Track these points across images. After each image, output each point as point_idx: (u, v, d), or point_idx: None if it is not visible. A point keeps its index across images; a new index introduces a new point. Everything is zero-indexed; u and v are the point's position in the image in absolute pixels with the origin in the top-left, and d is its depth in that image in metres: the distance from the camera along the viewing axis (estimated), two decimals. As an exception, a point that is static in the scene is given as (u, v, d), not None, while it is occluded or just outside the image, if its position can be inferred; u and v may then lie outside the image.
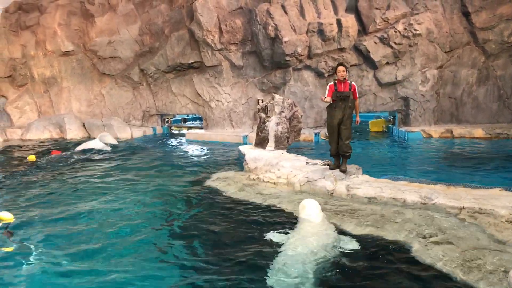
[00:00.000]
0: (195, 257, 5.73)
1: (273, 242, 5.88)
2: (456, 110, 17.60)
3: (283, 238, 5.92)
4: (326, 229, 6.08)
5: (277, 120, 11.50)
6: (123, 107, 22.72)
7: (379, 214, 6.71)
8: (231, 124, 20.04)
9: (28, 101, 23.39)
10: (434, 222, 6.11)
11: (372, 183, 8.13)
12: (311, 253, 5.30)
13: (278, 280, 4.78)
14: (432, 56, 17.18)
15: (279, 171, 9.50)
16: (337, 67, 8.33)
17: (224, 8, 19.26)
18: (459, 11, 17.02)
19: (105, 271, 5.30)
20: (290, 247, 5.55)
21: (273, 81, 18.82)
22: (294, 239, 5.78)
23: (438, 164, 11.92)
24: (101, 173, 11.76)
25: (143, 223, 7.21)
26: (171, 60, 20.63)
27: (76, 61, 22.79)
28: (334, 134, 8.50)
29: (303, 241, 5.70)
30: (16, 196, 9.41)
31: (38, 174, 11.87)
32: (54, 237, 6.55)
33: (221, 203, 8.20)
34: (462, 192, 7.13)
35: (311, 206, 6.48)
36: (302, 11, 17.62)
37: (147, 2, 22.02)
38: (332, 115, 8.37)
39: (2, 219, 7.32)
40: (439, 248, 5.34)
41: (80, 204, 8.49)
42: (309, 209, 6.44)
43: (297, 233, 6.02)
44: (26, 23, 22.71)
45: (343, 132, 8.38)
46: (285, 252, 5.42)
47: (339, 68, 8.24)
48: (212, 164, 12.80)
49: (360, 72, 18.01)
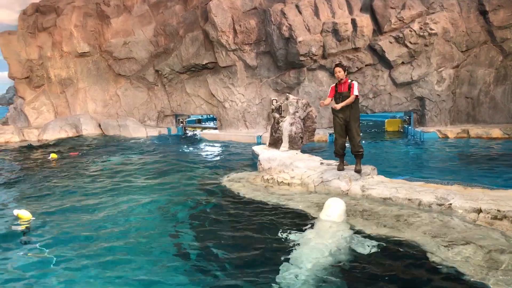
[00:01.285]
0: (208, 257, 5.72)
1: (288, 242, 5.85)
2: (473, 110, 17.37)
3: (297, 237, 5.89)
4: (344, 230, 6.02)
5: (291, 121, 11.47)
6: (138, 107, 22.91)
7: (394, 215, 6.64)
8: (245, 124, 20.05)
9: (45, 102, 23.72)
10: (450, 224, 6.03)
11: (387, 183, 8.06)
12: (324, 254, 5.26)
13: (290, 281, 4.76)
14: (448, 56, 16.98)
15: (293, 171, 9.47)
16: (334, 68, 8.38)
17: (238, 8, 19.28)
18: (476, 9, 16.79)
19: (117, 271, 5.34)
20: (304, 247, 5.52)
21: (287, 81, 18.78)
22: (309, 239, 5.75)
23: (454, 164, 11.77)
24: (116, 172, 11.86)
25: (156, 223, 7.24)
26: (185, 60, 20.72)
27: (92, 62, 23.05)
28: (339, 134, 8.54)
29: (317, 241, 5.66)
30: (35, 195, 9.56)
31: (58, 173, 12.04)
32: (70, 235, 6.62)
33: (234, 204, 8.19)
34: (480, 193, 7.02)
35: (335, 206, 6.40)
36: (317, 11, 17.55)
37: (161, 3, 22.18)
38: (336, 115, 8.42)
39: (21, 217, 7.41)
40: (456, 250, 5.26)
41: (95, 203, 8.56)
42: (332, 209, 6.37)
43: (313, 232, 5.98)
44: (43, 25, 23.04)
45: (351, 132, 8.40)
46: (299, 252, 5.40)
47: (336, 69, 8.30)
48: (226, 164, 12.81)
49: (375, 72, 17.88)
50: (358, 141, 8.40)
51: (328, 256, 5.23)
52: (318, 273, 4.87)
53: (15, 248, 6.21)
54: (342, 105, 8.18)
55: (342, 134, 8.51)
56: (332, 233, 5.91)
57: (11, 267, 5.55)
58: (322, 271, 4.91)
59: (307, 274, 4.85)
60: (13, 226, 7.15)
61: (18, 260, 5.78)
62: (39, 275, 5.27)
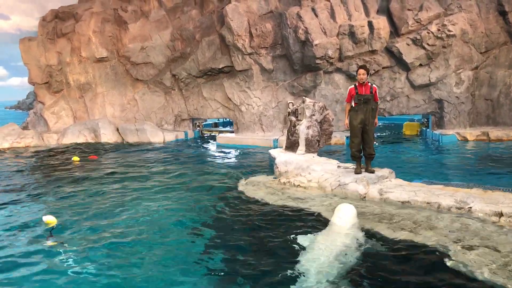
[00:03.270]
0: (222, 261, 5.75)
1: (300, 246, 5.83)
2: (493, 112, 17.13)
3: (307, 241, 5.88)
4: (353, 235, 5.96)
5: (307, 124, 11.44)
6: (155, 111, 23.09)
7: (413, 218, 6.57)
8: (261, 128, 20.06)
9: (64, 107, 24.04)
10: (470, 227, 5.94)
11: (406, 187, 7.98)
12: (331, 258, 5.24)
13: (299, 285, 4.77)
14: (467, 57, 16.78)
15: (310, 174, 9.44)
16: (358, 70, 8.44)
17: (254, 12, 19.33)
18: (495, 10, 16.58)
19: (137, 273, 5.40)
20: (312, 251, 5.53)
21: (303, 84, 18.75)
22: (318, 243, 5.74)
23: (474, 167, 11.61)
24: (135, 176, 11.98)
25: (173, 227, 7.28)
26: (202, 65, 20.83)
27: (110, 67, 23.30)
28: (356, 137, 8.55)
29: (325, 245, 5.65)
30: (60, 198, 9.71)
31: (81, 176, 12.26)
32: (94, 238, 6.71)
33: (251, 207, 8.19)
34: (500, 196, 6.91)
35: (344, 210, 6.39)
36: (333, 13, 17.50)
37: (178, 8, 22.36)
38: (355, 118, 8.43)
39: (48, 222, 7.45)
40: (476, 254, 5.17)
41: (117, 206, 8.67)
42: (341, 213, 6.36)
43: (322, 236, 5.96)
44: (62, 31, 23.38)
45: (369, 134, 8.48)
46: (306, 256, 5.39)
47: (360, 71, 8.36)
48: (242, 168, 12.83)
49: (393, 74, 17.75)
50: (372, 144, 8.57)
51: (337, 260, 5.22)
52: (330, 279, 4.84)
53: (43, 252, 6.28)
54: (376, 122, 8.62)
55: (359, 136, 8.51)
56: (339, 238, 5.87)
57: (41, 270, 5.64)
58: (333, 276, 4.88)
59: (310, 279, 4.83)
60: (41, 231, 7.21)
61: (47, 262, 5.90)
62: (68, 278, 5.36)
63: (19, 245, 6.64)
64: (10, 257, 6.12)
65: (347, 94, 8.52)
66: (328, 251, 5.44)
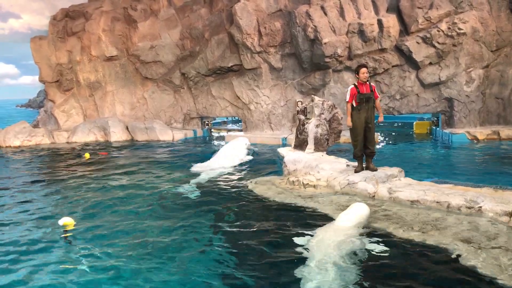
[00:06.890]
0: (231, 258, 5.78)
1: (310, 246, 5.83)
2: (504, 111, 16.96)
3: (313, 240, 5.92)
4: (352, 235, 5.97)
5: (316, 122, 11.41)
6: (164, 110, 23.17)
7: (422, 218, 6.53)
8: (270, 126, 20.05)
9: (74, 105, 24.21)
10: (480, 227, 5.90)
11: (415, 186, 7.94)
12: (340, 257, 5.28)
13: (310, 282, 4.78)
14: (477, 56, 16.64)
15: (318, 173, 9.42)
16: (360, 69, 8.38)
17: (263, 11, 19.31)
18: (506, 8, 16.41)
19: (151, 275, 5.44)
20: (310, 250, 5.60)
21: (312, 83, 18.72)
22: (315, 242, 5.84)
23: (485, 167, 11.52)
24: (145, 173, 12.04)
25: (182, 227, 7.29)
26: (211, 63, 20.86)
27: (119, 66, 23.41)
28: (360, 136, 8.55)
29: (321, 244, 5.72)
30: (76, 198, 9.68)
31: (93, 173, 12.41)
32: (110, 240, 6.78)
33: (260, 206, 8.21)
34: (511, 196, 6.85)
35: (350, 210, 6.41)
36: (342, 12, 17.44)
37: (187, 7, 22.40)
38: (358, 117, 8.42)
39: (65, 224, 7.44)
40: (486, 254, 5.14)
41: (130, 204, 8.76)
42: (348, 211, 6.38)
43: (318, 235, 6.05)
44: (73, 30, 23.55)
45: (370, 132, 8.50)
46: (317, 254, 5.42)
47: (363, 69, 8.31)
48: (251, 166, 12.84)
49: (402, 73, 17.65)
50: (374, 142, 8.71)
51: (344, 258, 5.25)
52: (336, 276, 4.84)
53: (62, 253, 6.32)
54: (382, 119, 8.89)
55: (362, 135, 8.51)
56: (336, 237, 5.89)
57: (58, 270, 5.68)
58: (341, 274, 4.89)
59: (326, 279, 4.84)
60: (59, 234, 7.20)
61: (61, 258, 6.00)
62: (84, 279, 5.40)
63: (32, 241, 6.73)
64: (24, 254, 6.22)
65: (348, 95, 8.39)
66: (334, 249, 5.45)
